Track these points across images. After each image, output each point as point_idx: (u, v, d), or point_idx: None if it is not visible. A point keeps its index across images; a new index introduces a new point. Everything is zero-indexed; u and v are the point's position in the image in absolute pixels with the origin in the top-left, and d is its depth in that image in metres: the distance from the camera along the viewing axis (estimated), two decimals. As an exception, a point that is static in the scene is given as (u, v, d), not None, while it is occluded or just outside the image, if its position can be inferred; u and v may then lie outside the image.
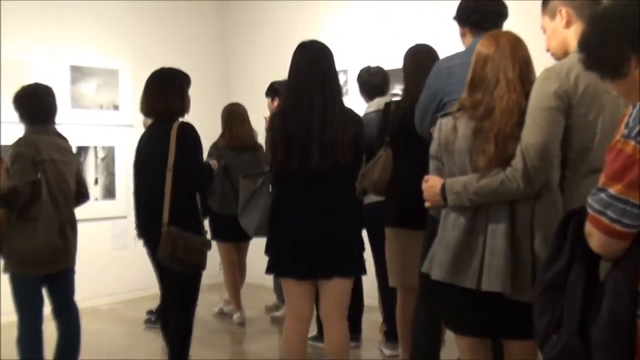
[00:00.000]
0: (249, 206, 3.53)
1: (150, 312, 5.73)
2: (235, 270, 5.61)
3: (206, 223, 4.50)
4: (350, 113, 3.29)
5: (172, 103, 3.75)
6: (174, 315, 3.80)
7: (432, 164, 2.65)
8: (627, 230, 1.62)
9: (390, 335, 4.55)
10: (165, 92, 3.75)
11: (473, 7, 3.18)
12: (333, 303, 3.31)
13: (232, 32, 7.73)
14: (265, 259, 3.37)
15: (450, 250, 2.48)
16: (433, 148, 2.63)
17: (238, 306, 5.67)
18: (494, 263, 2.38)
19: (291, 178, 3.21)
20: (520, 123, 2.38)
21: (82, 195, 4.04)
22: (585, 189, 2.24)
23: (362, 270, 3.38)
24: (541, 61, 2.56)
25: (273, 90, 5.19)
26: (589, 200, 1.68)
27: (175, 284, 3.78)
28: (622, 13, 1.67)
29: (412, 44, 3.89)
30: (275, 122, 3.27)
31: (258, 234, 3.57)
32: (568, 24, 2.48)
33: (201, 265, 3.72)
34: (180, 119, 3.76)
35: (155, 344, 5.14)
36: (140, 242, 5.36)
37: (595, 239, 1.67)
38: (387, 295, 4.49)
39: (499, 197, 2.39)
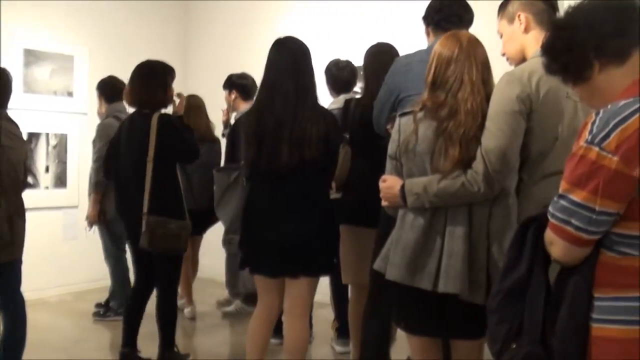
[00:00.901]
0: (225, 198, 3.55)
1: (99, 305, 5.64)
2: (188, 264, 5.55)
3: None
4: (322, 110, 3.28)
5: (156, 95, 3.92)
6: (160, 294, 4.05)
7: (389, 163, 2.64)
8: (593, 237, 1.63)
9: (342, 332, 4.55)
10: (150, 84, 3.92)
11: (438, 8, 3.23)
12: (297, 301, 3.31)
13: (191, 23, 7.65)
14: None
15: (407, 251, 2.48)
16: (392, 148, 2.62)
17: (189, 300, 5.62)
18: (452, 265, 2.38)
19: (261, 176, 3.21)
20: (481, 126, 2.39)
21: (23, 184, 3.95)
22: (539, 192, 2.29)
23: (330, 269, 3.40)
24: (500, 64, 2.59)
25: (230, 83, 5.14)
26: (551, 209, 1.68)
27: (160, 266, 3.99)
28: (587, 20, 1.68)
29: (374, 42, 3.89)
30: (249, 119, 3.25)
31: (232, 227, 3.65)
32: (527, 30, 2.53)
33: (180, 249, 3.93)
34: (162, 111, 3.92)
35: (104, 336, 5.07)
36: (91, 233, 5.33)
37: (558, 247, 1.67)
38: (339, 292, 4.51)
39: (459, 200, 2.40)
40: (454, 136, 2.39)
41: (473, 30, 2.72)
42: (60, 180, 6.49)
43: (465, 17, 3.22)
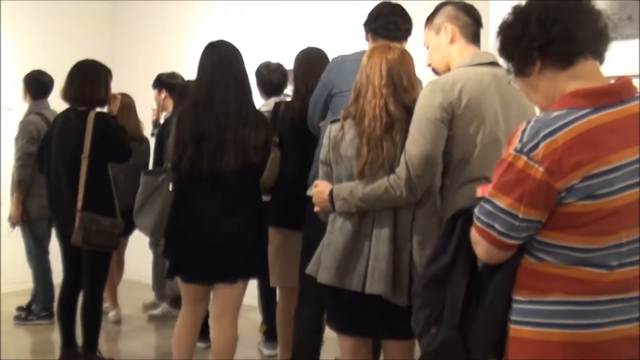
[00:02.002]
0: (147, 205, 3.44)
1: (20, 308, 5.47)
2: (113, 265, 5.43)
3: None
4: (260, 115, 3.33)
5: (98, 94, 3.95)
6: (86, 292, 4.04)
7: (321, 169, 2.72)
8: (514, 242, 1.66)
9: (269, 335, 4.54)
10: (92, 82, 3.95)
11: (375, 16, 3.28)
12: (229, 305, 3.30)
13: (118, 20, 7.50)
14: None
15: (337, 254, 2.55)
16: (323, 154, 2.69)
17: (114, 303, 5.51)
18: (377, 267, 2.47)
19: (198, 178, 3.15)
20: (389, 127, 2.48)
21: None
22: (462, 197, 2.38)
23: (265, 271, 3.42)
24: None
25: (160, 82, 5.09)
26: (476, 212, 1.70)
27: (88, 264, 3.99)
28: (541, 16, 1.67)
29: (304, 46, 3.92)
30: (184, 120, 3.18)
31: (155, 234, 3.55)
32: (452, 41, 2.63)
33: (112, 246, 3.96)
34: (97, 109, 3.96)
35: (25, 341, 4.93)
36: (13, 233, 5.16)
37: (481, 247, 1.71)
38: (267, 294, 4.49)
39: (384, 204, 2.48)
40: (363, 139, 2.50)
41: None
42: (-19, 179, 6.25)
43: (403, 26, 3.27)
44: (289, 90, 4.57)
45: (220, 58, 3.23)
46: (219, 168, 3.10)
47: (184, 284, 3.34)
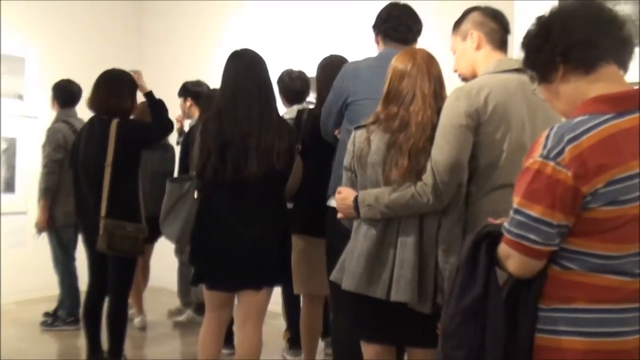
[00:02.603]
0: (173, 213, 3.47)
1: (47, 314, 5.52)
2: (139, 272, 5.46)
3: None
4: (284, 121, 3.34)
5: (124, 102, 3.98)
6: (111, 299, 4.06)
7: (345, 175, 2.70)
8: (550, 248, 1.64)
9: (293, 342, 4.53)
10: (117, 92, 3.97)
11: (385, 18, 3.26)
12: (253, 311, 3.30)
13: (144, 27, 7.58)
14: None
15: (361, 261, 2.54)
16: (347, 160, 2.67)
17: (140, 310, 5.53)
18: (403, 275, 2.45)
19: (223, 185, 3.17)
20: (431, 138, 2.46)
21: None
22: (488, 204, 2.36)
23: (289, 279, 3.43)
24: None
25: (185, 90, 5.11)
26: (506, 225, 1.69)
27: (113, 270, 4.01)
28: (563, 24, 1.68)
29: (327, 54, 3.92)
30: (208, 128, 3.20)
31: (181, 242, 3.56)
32: (478, 47, 2.60)
33: (137, 252, 3.98)
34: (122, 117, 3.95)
35: (51, 347, 4.96)
36: (40, 240, 5.22)
37: (514, 261, 1.68)
38: (291, 302, 4.48)
39: (410, 211, 2.46)
40: (404, 148, 2.47)
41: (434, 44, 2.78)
42: (9, 186, 6.35)
43: (414, 27, 3.27)
44: (311, 97, 4.58)
45: (244, 66, 3.25)
46: (243, 175, 3.10)
47: (208, 291, 3.35)
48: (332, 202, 2.97)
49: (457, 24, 2.68)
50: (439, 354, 1.88)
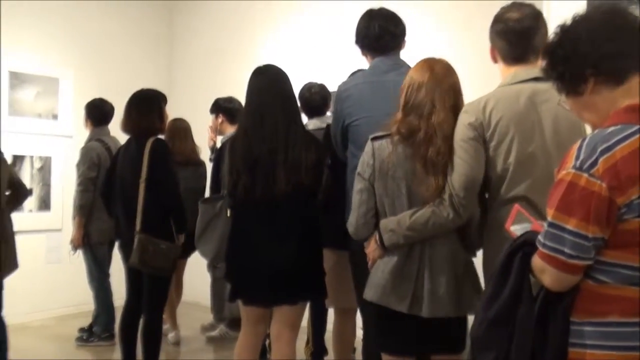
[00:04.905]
0: (207, 232, 3.51)
1: (82, 330, 5.58)
2: (172, 288, 5.51)
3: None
4: (311, 136, 3.32)
5: (152, 123, 4.06)
6: (146, 315, 4.10)
7: (360, 183, 2.66)
8: (585, 263, 1.62)
9: (316, 355, 4.51)
10: (148, 113, 4.06)
11: (365, 32, 3.20)
12: (287, 325, 3.31)
13: (175, 46, 7.68)
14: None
15: (386, 273, 2.54)
16: (365, 171, 2.63)
17: (174, 325, 5.57)
18: (434, 290, 2.45)
19: (255, 202, 3.18)
20: (451, 150, 2.45)
21: (22, 195, 4.08)
22: (500, 217, 2.30)
23: (324, 293, 3.39)
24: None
25: (217, 107, 5.13)
26: (540, 238, 1.67)
27: (148, 287, 4.05)
28: (591, 34, 1.66)
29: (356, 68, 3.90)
30: (236, 146, 3.23)
31: (216, 260, 3.65)
32: (496, 61, 2.58)
33: (169, 269, 4.00)
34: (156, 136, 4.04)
35: (86, 362, 5.01)
36: (75, 257, 5.29)
37: (549, 275, 1.66)
38: (317, 314, 4.47)
39: (432, 229, 2.45)
40: (437, 164, 2.45)
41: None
42: (44, 203, 6.45)
43: (397, 31, 3.18)
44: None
45: (268, 82, 3.26)
46: (273, 192, 3.12)
47: (245, 307, 3.37)
48: None
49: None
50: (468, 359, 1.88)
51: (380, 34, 3.14)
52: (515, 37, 2.47)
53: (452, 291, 2.45)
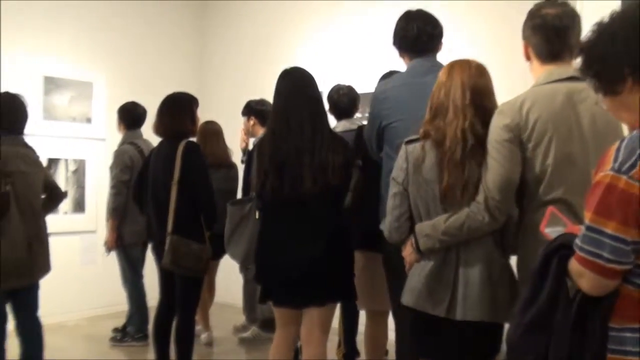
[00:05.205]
0: (236, 234, 3.55)
1: (116, 330, 5.65)
2: (205, 289, 5.54)
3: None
4: (338, 137, 3.34)
5: (184, 125, 4.09)
6: (178, 316, 4.13)
7: (395, 188, 2.65)
8: (625, 267, 1.59)
9: (348, 357, 4.50)
10: (179, 116, 4.09)
11: (402, 33, 3.19)
12: (317, 327, 3.32)
13: (207, 49, 7.73)
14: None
15: (422, 277, 2.52)
16: (399, 175, 2.63)
17: (206, 326, 5.61)
18: (469, 294, 2.43)
19: (282, 203, 3.21)
20: (472, 151, 2.42)
21: (57, 197, 4.12)
22: (540, 220, 2.24)
23: (354, 295, 3.40)
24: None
25: (249, 109, 5.16)
26: (578, 242, 1.64)
27: (180, 288, 4.09)
28: (626, 33, 1.62)
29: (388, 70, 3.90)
30: (264, 148, 3.26)
31: (246, 262, 3.68)
32: (529, 59, 2.53)
33: (200, 270, 4.02)
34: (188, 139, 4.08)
35: (120, 362, 5.06)
36: (109, 258, 5.36)
37: (587, 280, 1.62)
38: (350, 317, 4.46)
39: (467, 233, 2.43)
40: (444, 162, 2.45)
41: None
42: (79, 205, 6.54)
43: (435, 32, 3.17)
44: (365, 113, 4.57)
45: (294, 84, 3.29)
46: (300, 192, 3.14)
47: (276, 308, 3.39)
48: (383, 225, 2.97)
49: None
50: None
51: (419, 35, 3.13)
52: (553, 33, 2.42)
53: (487, 295, 2.42)
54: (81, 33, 6.59)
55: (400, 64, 3.36)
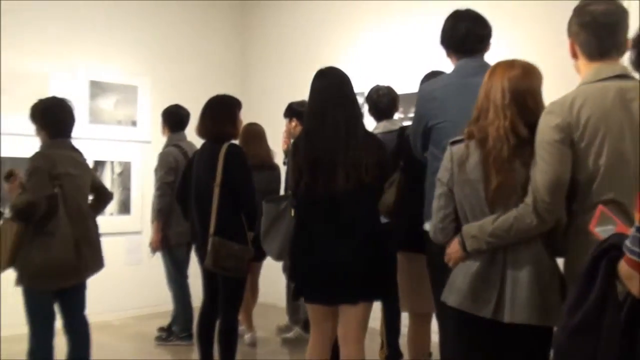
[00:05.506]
0: (272, 230, 3.58)
1: (162, 329, 5.73)
2: (248, 290, 5.58)
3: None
4: (372, 136, 3.37)
5: (225, 128, 4.13)
6: (222, 316, 4.17)
7: (440, 189, 2.64)
8: None
9: (391, 359, 4.49)
10: (221, 119, 4.13)
11: (451, 33, 3.16)
12: (353, 326, 3.31)
13: (249, 52, 7.79)
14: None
15: (468, 277, 2.49)
16: (444, 176, 2.62)
17: (250, 327, 5.64)
18: (518, 295, 2.39)
19: (316, 201, 3.24)
20: (519, 149, 2.39)
21: (105, 198, 4.19)
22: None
23: (389, 294, 3.39)
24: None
25: (291, 111, 5.18)
26: (629, 243, 1.58)
27: (223, 289, 4.13)
28: None
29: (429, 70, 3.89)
30: (299, 146, 3.31)
31: (281, 258, 3.72)
32: (575, 56, 2.47)
33: (242, 271, 4.05)
34: (231, 141, 4.13)
35: (165, 361, 5.13)
36: (154, 258, 5.44)
37: (638, 283, 1.57)
38: (391, 319, 4.45)
39: (515, 235, 2.39)
40: (489, 162, 2.42)
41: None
42: (125, 207, 6.66)
43: (484, 32, 3.14)
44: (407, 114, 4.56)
45: (329, 84, 3.32)
46: (333, 190, 3.16)
47: (309, 305, 3.42)
48: (427, 226, 2.95)
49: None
50: None
51: (467, 35, 3.11)
52: (602, 30, 2.36)
53: (535, 297, 2.37)
54: (125, 38, 6.71)
55: (445, 64, 3.33)
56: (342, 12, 6.64)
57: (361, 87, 5.01)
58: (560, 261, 2.47)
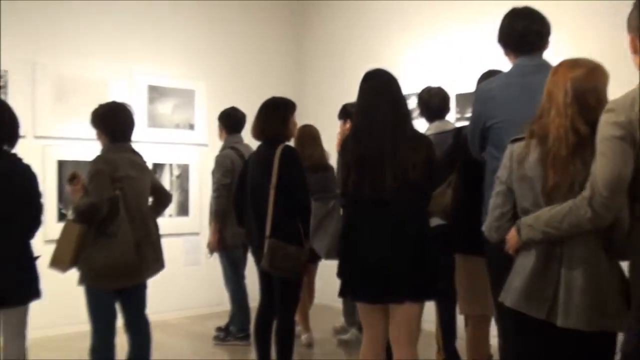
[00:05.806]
0: (321, 229, 3.61)
1: (219, 329, 5.79)
2: (305, 291, 5.61)
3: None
4: (420, 135, 3.37)
5: (277, 129, 4.17)
6: (278, 317, 4.22)
7: (498, 187, 2.62)
8: None
9: (448, 362, 4.44)
10: (275, 120, 4.19)
11: (509, 31, 3.12)
12: (402, 327, 3.29)
13: (304, 54, 7.85)
14: (335, 280, 3.39)
15: (524, 276, 2.46)
16: (504, 174, 2.60)
17: (306, 327, 5.67)
18: (571, 298, 2.33)
19: (364, 200, 3.24)
20: (579, 148, 2.35)
21: (165, 199, 4.25)
22: None
23: (436, 295, 3.37)
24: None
25: (345, 112, 5.19)
26: None
27: (279, 289, 4.17)
28: None
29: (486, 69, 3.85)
30: (347, 146, 3.33)
31: (329, 256, 3.75)
32: (635, 52, 2.38)
33: (298, 272, 4.08)
34: (285, 143, 4.16)
35: (223, 360, 5.19)
36: (212, 259, 5.51)
37: None
38: (447, 321, 4.41)
39: (569, 226, 2.33)
40: (548, 160, 2.40)
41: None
42: (183, 208, 6.78)
43: (543, 30, 3.09)
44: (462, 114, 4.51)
45: (377, 86, 3.33)
46: (380, 189, 3.16)
47: (359, 304, 3.42)
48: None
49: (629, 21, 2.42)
50: None
51: (525, 33, 3.07)
52: None
53: (591, 302, 2.31)
54: (182, 43, 6.84)
55: (504, 63, 3.29)
56: (398, 14, 6.62)
57: (418, 88, 5.01)
58: (624, 264, 2.40)
